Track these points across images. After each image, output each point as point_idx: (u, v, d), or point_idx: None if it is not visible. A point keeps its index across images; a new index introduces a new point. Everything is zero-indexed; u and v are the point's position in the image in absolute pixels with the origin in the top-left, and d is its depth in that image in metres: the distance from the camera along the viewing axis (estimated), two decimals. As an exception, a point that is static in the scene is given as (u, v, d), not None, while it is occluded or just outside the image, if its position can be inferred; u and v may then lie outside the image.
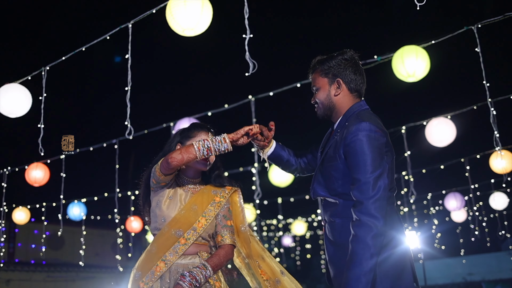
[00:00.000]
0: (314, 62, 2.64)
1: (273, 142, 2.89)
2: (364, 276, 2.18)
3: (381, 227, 2.22)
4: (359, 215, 2.24)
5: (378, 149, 2.33)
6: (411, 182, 8.54)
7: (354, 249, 2.22)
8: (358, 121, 2.38)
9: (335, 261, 2.45)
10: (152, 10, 4.87)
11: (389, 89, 7.87)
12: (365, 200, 2.24)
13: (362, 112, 2.50)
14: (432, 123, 7.26)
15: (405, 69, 5.67)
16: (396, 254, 2.34)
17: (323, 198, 2.55)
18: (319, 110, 2.63)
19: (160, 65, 13.07)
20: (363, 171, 2.28)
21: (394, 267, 2.32)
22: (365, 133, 2.33)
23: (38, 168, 8.80)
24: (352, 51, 2.59)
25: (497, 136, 5.59)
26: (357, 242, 2.22)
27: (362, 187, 2.27)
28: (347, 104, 2.56)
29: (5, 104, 5.65)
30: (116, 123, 5.25)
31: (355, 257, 2.21)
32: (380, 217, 2.22)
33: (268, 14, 11.73)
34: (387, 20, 11.95)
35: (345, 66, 2.54)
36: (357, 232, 2.23)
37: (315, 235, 19.95)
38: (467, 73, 11.02)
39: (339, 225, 2.43)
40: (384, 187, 2.27)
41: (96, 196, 11.81)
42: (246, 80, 4.37)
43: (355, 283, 2.18)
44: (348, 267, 2.22)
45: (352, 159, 2.34)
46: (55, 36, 12.27)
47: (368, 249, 2.19)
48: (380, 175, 2.28)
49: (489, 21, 5.38)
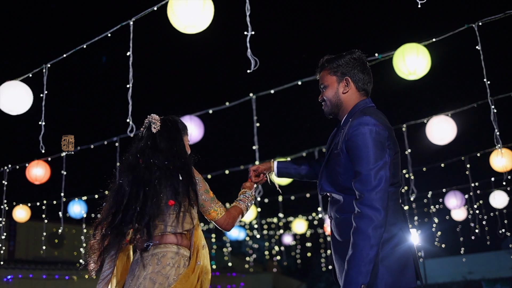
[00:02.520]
0: (323, 61, 2.67)
1: (273, 164, 3.16)
2: (364, 267, 2.20)
3: (382, 218, 2.24)
4: (360, 207, 2.27)
5: (380, 143, 2.35)
6: (411, 180, 8.55)
7: (355, 241, 2.25)
8: (360, 116, 2.42)
9: (338, 256, 2.47)
10: (153, 8, 4.88)
11: (390, 87, 7.89)
12: (366, 192, 2.27)
13: (367, 108, 2.54)
14: (433, 121, 7.26)
15: (406, 67, 5.67)
16: (400, 250, 2.36)
17: (330, 194, 2.58)
18: (327, 107, 2.66)
19: (161, 63, 13.07)
20: (364, 164, 2.31)
21: (397, 263, 2.34)
22: (366, 127, 2.35)
23: (39, 166, 8.78)
24: (360, 52, 2.63)
25: (498, 134, 5.59)
26: (358, 234, 2.24)
27: (363, 179, 2.29)
28: (353, 102, 2.59)
29: (6, 102, 5.64)
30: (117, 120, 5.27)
31: (356, 248, 2.23)
32: (381, 208, 2.25)
33: (270, 11, 11.73)
34: (388, 18, 11.95)
35: (353, 65, 2.57)
36: (358, 223, 2.26)
37: (316, 234, 19.96)
38: (468, 71, 11.03)
39: (343, 221, 2.46)
40: (385, 179, 2.28)
41: (96, 194, 11.82)
42: (247, 77, 4.39)
43: (355, 274, 2.20)
44: (348, 258, 2.25)
45: (353, 152, 2.36)
46: (56, 34, 12.28)
47: (368, 240, 2.21)
48: (381, 167, 2.30)
49: (490, 19, 5.37)
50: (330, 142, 2.67)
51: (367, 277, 2.20)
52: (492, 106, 5.72)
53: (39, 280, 14.17)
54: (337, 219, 2.50)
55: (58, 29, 12.36)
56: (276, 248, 21.50)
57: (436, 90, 12.32)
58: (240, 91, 7.55)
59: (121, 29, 5.19)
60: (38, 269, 14.51)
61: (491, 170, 9.02)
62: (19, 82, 5.76)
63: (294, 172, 3.14)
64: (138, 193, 2.63)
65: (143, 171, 2.69)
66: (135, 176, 2.69)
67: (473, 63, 6.23)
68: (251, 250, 22.74)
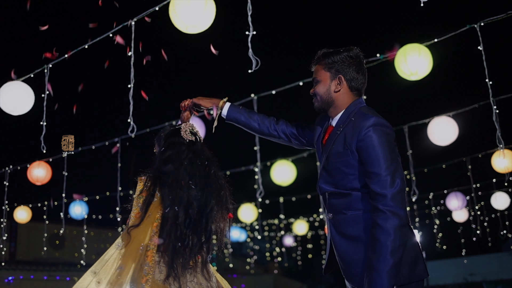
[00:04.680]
0: (319, 54, 2.64)
1: (225, 104, 2.88)
2: (393, 268, 2.22)
3: (405, 217, 2.28)
4: (383, 207, 2.28)
5: (392, 143, 2.38)
6: (413, 181, 8.53)
7: (381, 241, 2.25)
8: (367, 117, 2.41)
9: (344, 252, 2.46)
10: (155, 7, 4.88)
11: (392, 87, 7.86)
12: (388, 193, 2.28)
13: (364, 108, 2.52)
14: (434, 122, 7.25)
15: (408, 67, 5.66)
16: (411, 244, 2.40)
17: (330, 193, 2.55)
18: (317, 102, 2.64)
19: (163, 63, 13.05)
20: (381, 165, 2.32)
21: (410, 256, 2.37)
22: (378, 128, 2.37)
23: (40, 167, 8.78)
24: (358, 49, 2.60)
25: (499, 134, 5.57)
26: (385, 234, 2.25)
27: (381, 180, 2.30)
28: (346, 101, 2.57)
29: (8, 102, 5.64)
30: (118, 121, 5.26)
31: (385, 249, 2.23)
32: (403, 208, 2.29)
33: (272, 11, 11.73)
34: (389, 18, 11.94)
35: (349, 64, 2.55)
36: (382, 223, 2.26)
37: (317, 235, 19.94)
38: (470, 72, 11.03)
39: (352, 218, 2.45)
40: (402, 179, 2.33)
41: (97, 195, 11.81)
42: (249, 78, 4.38)
43: (387, 275, 2.21)
44: (376, 259, 2.25)
45: (367, 153, 2.36)
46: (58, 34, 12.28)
47: (395, 240, 2.24)
48: (397, 168, 2.34)
49: (492, 19, 5.37)
50: (322, 138, 2.65)
51: (396, 278, 2.23)
52: (494, 106, 5.71)
53: (40, 281, 14.14)
54: (343, 215, 2.48)
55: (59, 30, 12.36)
56: (277, 250, 21.47)
57: (437, 90, 12.32)
58: (241, 92, 7.54)
59: (123, 29, 5.19)
60: (39, 270, 14.49)
61: (492, 171, 9.00)
62: (20, 82, 5.76)
63: (244, 120, 2.88)
64: (208, 204, 2.52)
65: (214, 180, 2.59)
66: (208, 185, 2.55)
67: (475, 64, 6.22)
68: (252, 252, 22.71)
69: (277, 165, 8.83)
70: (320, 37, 13.05)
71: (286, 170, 8.77)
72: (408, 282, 2.34)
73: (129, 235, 2.38)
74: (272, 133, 2.88)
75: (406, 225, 2.29)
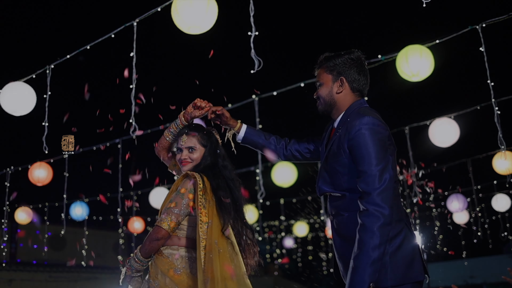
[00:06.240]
0: (321, 58, 2.69)
1: (242, 126, 2.99)
2: (371, 266, 2.21)
3: (388, 216, 2.26)
4: (367, 205, 2.28)
5: (382, 142, 2.38)
6: (414, 182, 8.52)
7: (362, 238, 2.25)
8: (360, 117, 2.43)
9: (342, 254, 2.48)
10: (157, 8, 4.88)
11: (393, 88, 7.86)
12: (372, 191, 2.28)
13: (363, 108, 2.55)
14: (436, 123, 7.24)
15: (409, 68, 5.66)
16: (407, 244, 2.38)
17: (329, 194, 2.58)
18: (320, 105, 2.69)
19: (165, 63, 13.07)
20: (369, 163, 2.33)
21: (405, 257, 2.35)
22: (368, 127, 2.38)
23: (41, 168, 8.78)
24: (359, 52, 2.64)
25: (501, 136, 5.57)
26: (365, 232, 2.25)
27: (368, 178, 2.31)
28: (348, 102, 2.60)
29: (9, 103, 5.64)
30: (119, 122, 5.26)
31: (363, 246, 2.24)
32: (387, 207, 2.27)
33: (274, 12, 11.74)
34: (391, 20, 11.95)
35: (350, 66, 2.59)
36: (364, 221, 2.27)
37: (317, 237, 19.93)
38: (471, 73, 11.03)
39: (346, 219, 2.46)
40: (390, 178, 2.31)
41: (98, 196, 11.79)
42: (251, 79, 4.38)
43: (363, 272, 2.21)
44: (355, 256, 2.26)
45: (357, 152, 2.38)
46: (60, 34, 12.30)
47: (376, 238, 2.23)
48: (385, 166, 2.33)
49: (493, 20, 5.37)
50: (326, 141, 2.67)
51: (374, 276, 2.21)
52: (495, 108, 5.71)
53: (41, 282, 14.16)
54: (340, 216, 2.50)
55: (61, 30, 12.39)
56: (278, 251, 21.45)
57: (439, 92, 12.31)
58: (242, 93, 7.54)
59: (125, 30, 5.20)
60: (40, 271, 14.50)
61: (494, 173, 8.99)
62: (22, 83, 5.77)
63: (262, 143, 3.01)
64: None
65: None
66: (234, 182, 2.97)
67: (476, 65, 6.22)
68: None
69: (278, 166, 8.83)
70: (322, 38, 13.06)
71: (287, 171, 8.76)
72: (401, 283, 2.32)
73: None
74: (287, 154, 3.01)
75: (390, 223, 2.27)
